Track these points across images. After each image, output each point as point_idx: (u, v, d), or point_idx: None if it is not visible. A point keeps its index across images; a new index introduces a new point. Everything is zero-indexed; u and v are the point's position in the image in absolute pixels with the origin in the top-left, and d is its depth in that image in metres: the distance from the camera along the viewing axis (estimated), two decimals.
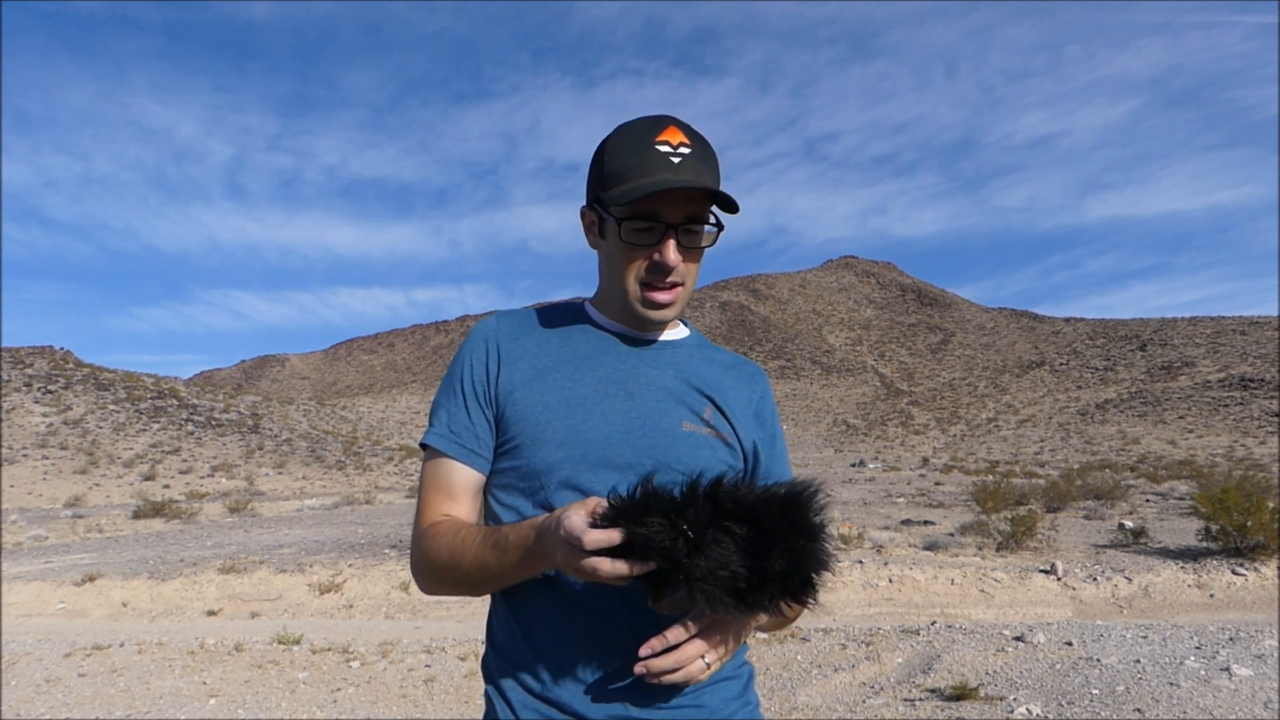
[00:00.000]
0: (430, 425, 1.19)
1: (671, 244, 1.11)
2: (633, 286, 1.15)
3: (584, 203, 1.22)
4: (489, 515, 1.17)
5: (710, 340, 1.33)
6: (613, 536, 0.89)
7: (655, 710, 1.06)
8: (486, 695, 1.14)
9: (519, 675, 1.09)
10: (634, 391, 1.16)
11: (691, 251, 1.14)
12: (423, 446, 1.19)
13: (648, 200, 1.09)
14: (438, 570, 1.10)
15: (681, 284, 1.15)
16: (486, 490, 1.18)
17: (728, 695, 1.13)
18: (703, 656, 0.99)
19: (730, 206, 1.13)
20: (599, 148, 1.17)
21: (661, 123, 1.13)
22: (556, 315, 1.26)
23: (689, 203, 1.11)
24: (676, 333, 1.27)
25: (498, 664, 1.13)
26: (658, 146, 1.10)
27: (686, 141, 1.12)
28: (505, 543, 1.02)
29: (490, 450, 1.16)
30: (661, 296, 1.15)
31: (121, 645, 7.13)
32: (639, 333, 1.22)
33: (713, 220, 1.14)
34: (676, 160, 1.10)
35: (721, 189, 1.12)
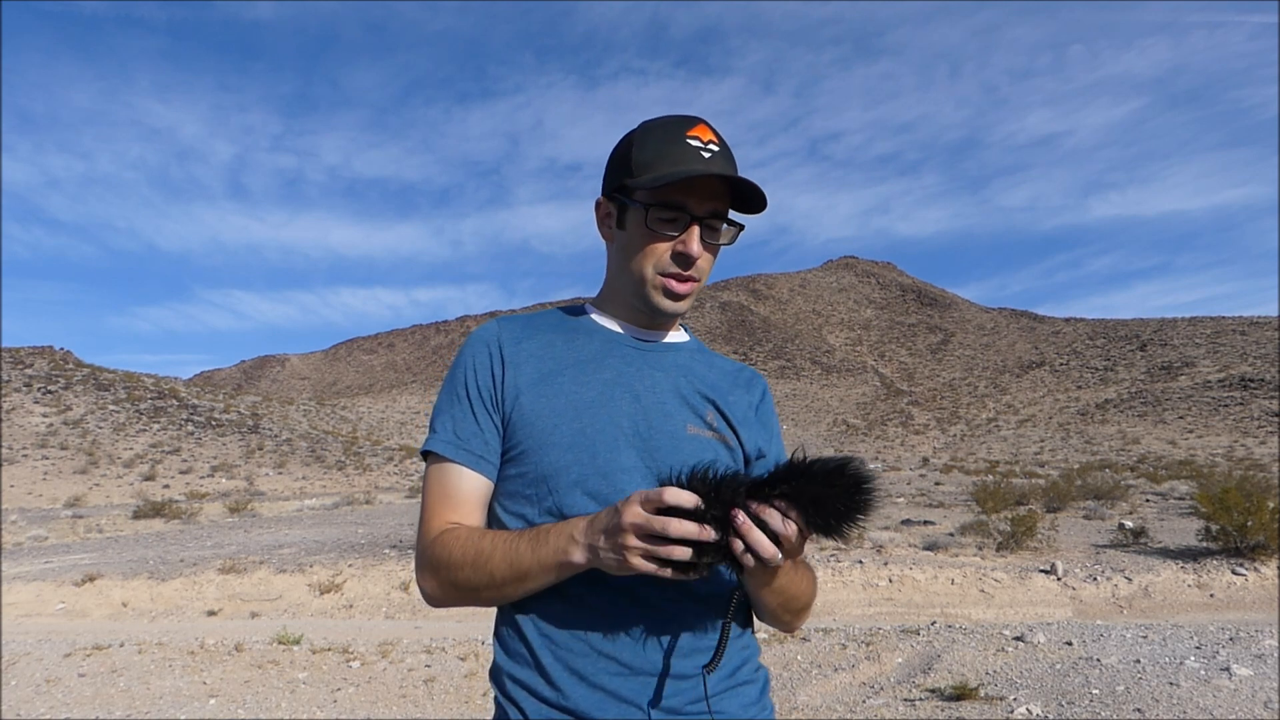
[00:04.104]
0: (433, 432, 1.15)
1: (696, 233, 1.12)
2: (651, 275, 1.14)
3: (594, 200, 1.22)
4: (494, 524, 1.14)
5: (710, 341, 1.33)
6: (683, 498, 0.89)
7: (674, 715, 1.05)
8: (497, 702, 1.12)
9: (532, 684, 1.07)
10: (640, 394, 1.15)
11: (711, 247, 1.15)
12: (425, 454, 1.15)
13: (676, 190, 1.10)
14: (459, 571, 1.05)
15: (698, 280, 1.16)
16: (492, 498, 1.15)
17: (746, 700, 1.12)
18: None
19: (756, 207, 1.15)
20: (625, 139, 1.17)
21: (693, 120, 1.15)
22: (558, 318, 1.25)
23: (714, 198, 1.12)
24: (677, 336, 1.26)
25: (509, 672, 1.10)
26: (689, 140, 1.12)
27: (716, 141, 1.13)
28: (544, 535, 1.00)
29: (498, 456, 1.14)
30: (680, 287, 1.15)
31: (121, 645, 7.13)
32: (643, 332, 1.22)
33: (733, 219, 1.16)
34: (707, 155, 1.11)
35: (755, 192, 1.13)
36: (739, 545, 0.91)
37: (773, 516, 0.91)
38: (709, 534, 0.90)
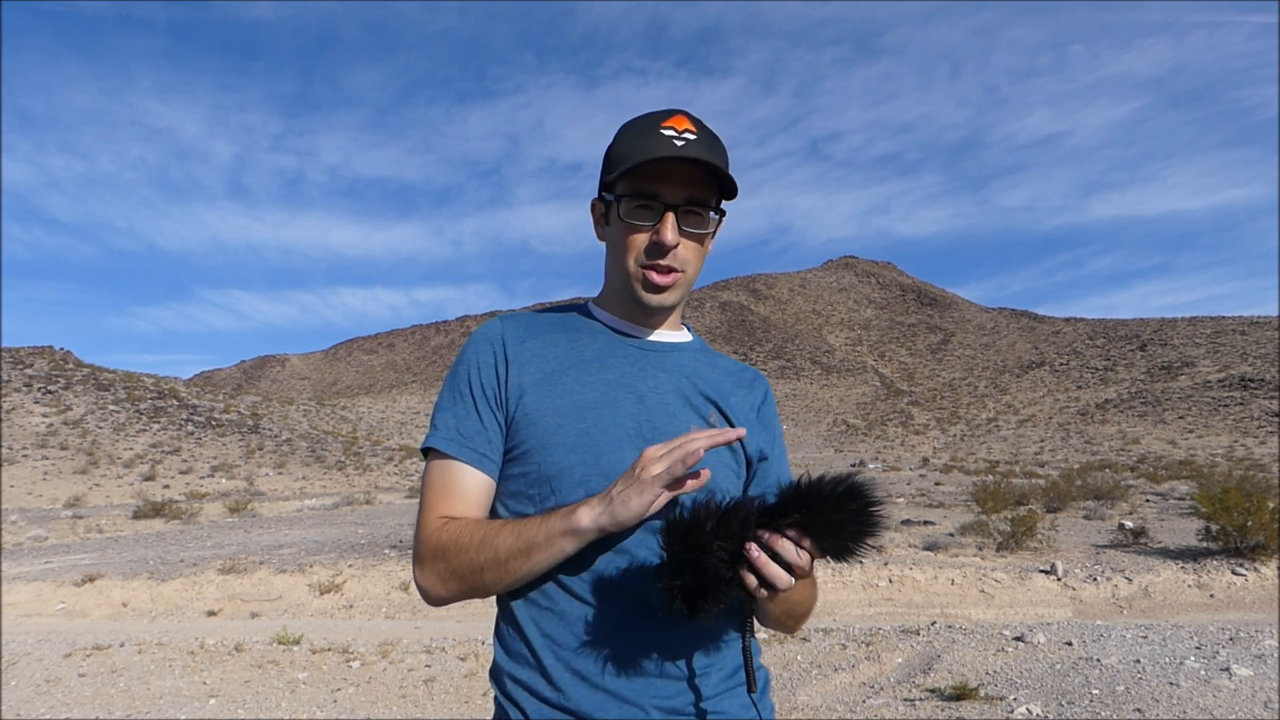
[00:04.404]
0: (434, 428, 1.14)
1: (670, 221, 1.10)
2: (632, 267, 1.14)
3: (591, 201, 1.23)
4: None
5: (710, 341, 1.33)
6: (732, 435, 0.99)
7: (676, 716, 1.05)
8: (497, 702, 1.12)
9: (533, 684, 1.07)
10: (643, 394, 1.15)
11: (692, 236, 1.13)
12: (425, 451, 1.14)
13: (648, 180, 1.09)
14: (463, 554, 1.04)
15: (681, 271, 1.15)
16: (494, 498, 1.15)
17: (745, 700, 1.12)
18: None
19: (729, 191, 1.13)
20: (611, 140, 1.18)
21: (671, 112, 1.14)
22: (561, 317, 1.24)
23: (690, 185, 1.11)
24: (680, 335, 1.25)
25: (510, 672, 1.10)
26: (663, 131, 1.10)
27: (693, 129, 1.11)
28: (554, 511, 1.03)
29: (500, 455, 1.13)
30: (660, 279, 1.13)
31: (121, 645, 7.13)
32: (643, 329, 1.21)
33: (715, 206, 1.14)
34: (680, 143, 1.09)
35: (722, 174, 1.11)
36: (752, 580, 0.91)
37: (786, 548, 0.91)
38: (732, 434, 0.98)
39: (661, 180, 1.10)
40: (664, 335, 1.23)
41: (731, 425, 1.19)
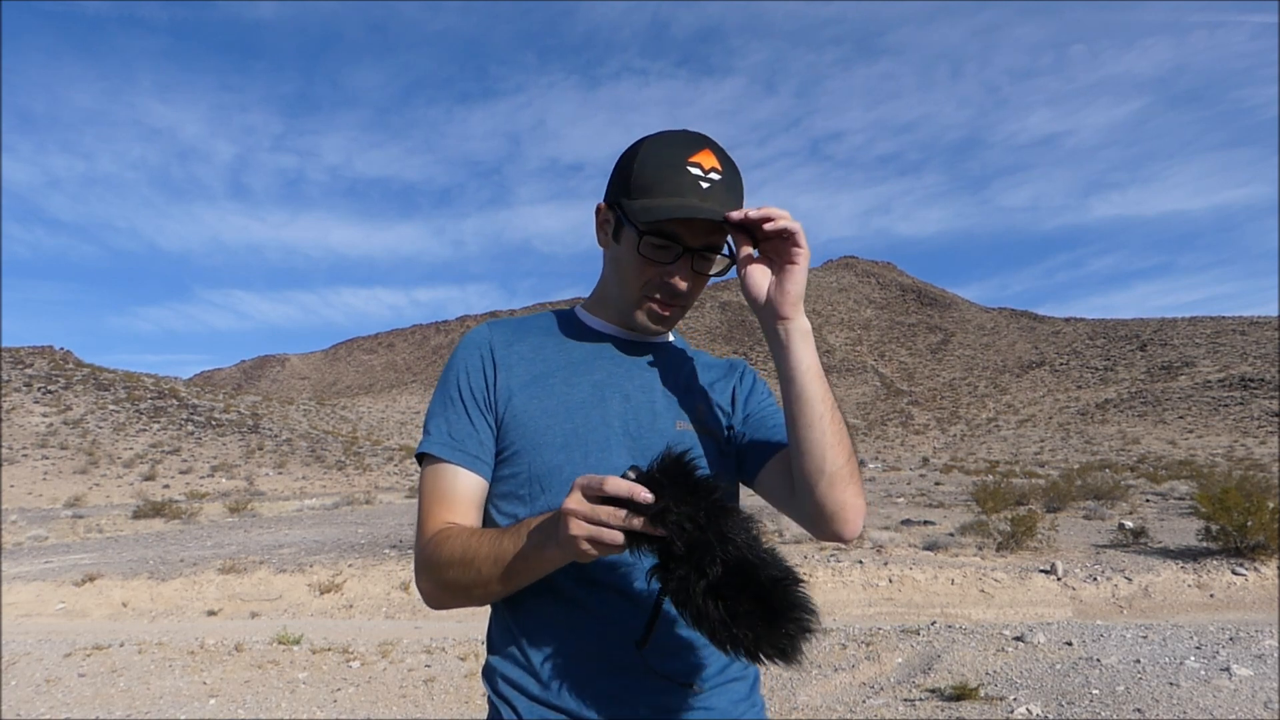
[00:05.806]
0: (427, 434, 1.16)
1: (686, 267, 1.13)
2: (638, 296, 1.17)
3: (599, 200, 1.22)
4: (489, 525, 1.15)
5: (710, 341, 1.35)
6: (621, 488, 0.85)
7: (663, 713, 1.05)
8: (490, 701, 1.13)
9: (523, 683, 1.08)
10: (630, 393, 1.18)
11: (702, 275, 1.17)
12: (420, 457, 1.16)
13: (670, 222, 1.10)
14: (449, 570, 1.05)
15: (685, 304, 1.19)
16: (486, 499, 1.16)
17: (735, 697, 1.12)
18: None
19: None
20: (630, 151, 1.17)
21: (697, 142, 1.13)
22: (548, 320, 1.27)
23: (709, 232, 1.12)
24: (662, 335, 1.29)
25: (501, 671, 1.11)
26: (690, 167, 1.10)
27: (719, 168, 1.12)
28: (524, 528, 1.00)
29: (492, 456, 1.15)
30: (665, 311, 1.18)
31: (121, 645, 7.13)
32: (632, 335, 1.25)
33: (727, 250, 1.17)
34: (706, 186, 1.10)
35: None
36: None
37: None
38: (649, 527, 0.86)
39: (684, 224, 1.11)
40: (647, 336, 1.26)
41: (718, 416, 1.23)
